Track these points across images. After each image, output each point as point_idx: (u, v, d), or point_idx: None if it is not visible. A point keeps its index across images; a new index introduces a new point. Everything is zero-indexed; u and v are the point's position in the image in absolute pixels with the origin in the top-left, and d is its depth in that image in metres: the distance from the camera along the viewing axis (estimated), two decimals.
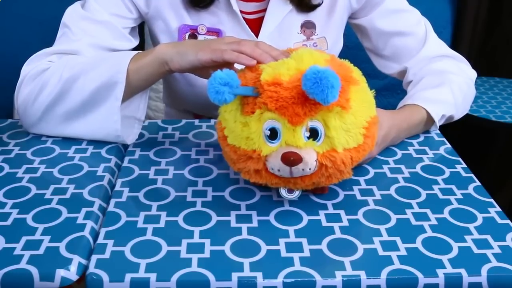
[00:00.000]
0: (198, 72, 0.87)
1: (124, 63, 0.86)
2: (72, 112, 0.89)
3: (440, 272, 0.64)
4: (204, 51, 0.81)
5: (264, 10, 1.04)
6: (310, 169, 0.69)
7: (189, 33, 1.03)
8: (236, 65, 0.81)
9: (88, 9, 0.98)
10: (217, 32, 1.03)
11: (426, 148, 0.92)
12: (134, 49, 1.02)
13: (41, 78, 0.90)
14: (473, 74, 1.08)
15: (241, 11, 1.03)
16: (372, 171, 0.85)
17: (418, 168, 0.86)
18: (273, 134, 0.69)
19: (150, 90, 0.94)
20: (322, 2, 1.05)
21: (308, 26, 1.06)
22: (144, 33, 1.66)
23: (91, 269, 0.64)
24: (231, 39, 0.83)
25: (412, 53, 1.09)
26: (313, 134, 0.69)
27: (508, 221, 0.73)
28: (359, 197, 0.78)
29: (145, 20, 1.05)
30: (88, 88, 0.87)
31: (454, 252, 0.67)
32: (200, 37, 1.03)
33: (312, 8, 1.05)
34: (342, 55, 1.12)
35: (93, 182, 0.81)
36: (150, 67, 0.86)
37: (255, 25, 1.04)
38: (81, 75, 0.87)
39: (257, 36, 1.04)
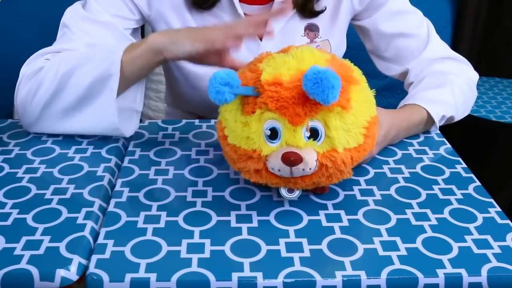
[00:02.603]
0: (192, 60, 0.87)
1: (117, 54, 0.86)
2: (69, 108, 0.89)
3: (440, 272, 0.64)
4: (199, 41, 0.82)
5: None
6: (310, 169, 0.69)
7: None
8: (237, 65, 0.82)
9: (89, 10, 0.98)
10: None
11: (426, 148, 0.92)
12: None
13: (37, 76, 0.90)
14: (475, 76, 1.08)
15: (244, 14, 1.03)
16: (372, 171, 0.85)
17: (418, 168, 0.86)
18: (274, 134, 0.69)
19: (150, 90, 0.94)
20: (326, 9, 1.05)
21: (311, 29, 1.06)
22: (144, 33, 1.66)
23: (91, 269, 0.64)
24: (224, 25, 0.85)
25: (414, 54, 1.08)
26: (314, 134, 0.69)
27: (508, 221, 0.73)
28: (359, 197, 0.78)
29: (148, 22, 1.05)
30: (83, 83, 0.86)
31: (454, 252, 0.67)
32: None
33: (315, 14, 1.05)
34: (343, 55, 1.13)
35: (93, 182, 0.81)
36: (144, 57, 0.86)
37: None
38: (76, 69, 0.87)
39: (260, 39, 1.04)
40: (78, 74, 0.87)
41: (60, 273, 0.63)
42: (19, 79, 0.93)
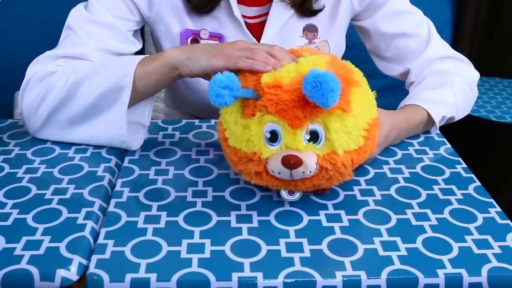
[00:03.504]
0: (208, 77, 0.85)
1: (130, 67, 0.85)
2: (76, 118, 0.88)
3: (440, 272, 0.64)
4: (217, 58, 0.80)
5: (266, 14, 1.04)
6: (310, 171, 0.69)
7: (191, 37, 1.03)
8: None
9: (92, 12, 0.97)
10: (219, 37, 1.03)
11: (427, 148, 0.92)
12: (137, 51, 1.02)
13: (47, 82, 0.89)
14: (476, 75, 1.08)
15: (243, 16, 1.02)
16: (372, 171, 0.85)
17: (418, 168, 0.86)
18: (274, 137, 0.69)
19: None
20: (324, 7, 1.05)
21: (310, 30, 1.06)
22: (144, 33, 1.66)
23: (92, 269, 0.64)
24: (243, 44, 0.81)
25: (415, 54, 1.08)
26: (314, 136, 0.69)
27: (508, 221, 0.73)
28: (359, 197, 0.78)
29: (147, 23, 1.05)
30: (93, 94, 0.86)
31: (455, 252, 0.67)
32: (202, 42, 1.02)
33: (313, 13, 1.04)
34: (342, 55, 1.12)
35: (93, 182, 0.81)
36: (159, 72, 0.85)
37: (257, 30, 1.04)
38: (86, 80, 0.86)
39: (258, 41, 1.03)
40: (88, 84, 0.86)
41: (60, 273, 0.63)
42: (26, 79, 0.92)
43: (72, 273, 0.63)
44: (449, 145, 0.94)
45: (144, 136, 0.92)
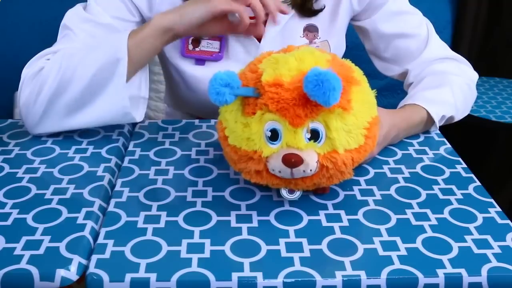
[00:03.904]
0: (200, 32, 0.90)
1: (123, 40, 0.87)
2: (75, 101, 0.88)
3: (440, 272, 0.64)
4: (205, 3, 0.85)
5: (267, 14, 1.04)
6: (311, 170, 0.69)
7: (192, 37, 1.03)
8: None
9: (90, 12, 0.98)
10: (220, 37, 1.03)
11: (426, 148, 0.92)
12: None
13: (39, 76, 0.89)
14: (475, 75, 1.08)
15: None
16: (372, 171, 0.85)
17: (418, 168, 0.86)
18: (274, 135, 0.69)
19: (150, 90, 0.94)
20: (324, 7, 1.05)
21: (310, 30, 1.06)
22: None
23: (91, 269, 0.64)
24: None
25: (414, 55, 1.08)
26: (314, 135, 0.69)
27: (508, 221, 0.73)
28: (359, 197, 0.78)
29: None
30: (89, 72, 0.86)
31: (454, 252, 0.67)
32: (203, 42, 1.03)
33: (314, 13, 1.05)
34: (342, 55, 1.12)
35: (93, 182, 0.81)
36: (152, 38, 0.87)
37: None
38: (80, 61, 0.87)
39: (259, 41, 1.03)
40: (82, 65, 0.87)
41: (60, 273, 0.63)
42: (21, 81, 0.92)
43: (72, 273, 0.63)
44: (449, 145, 0.94)
45: (145, 108, 0.93)
